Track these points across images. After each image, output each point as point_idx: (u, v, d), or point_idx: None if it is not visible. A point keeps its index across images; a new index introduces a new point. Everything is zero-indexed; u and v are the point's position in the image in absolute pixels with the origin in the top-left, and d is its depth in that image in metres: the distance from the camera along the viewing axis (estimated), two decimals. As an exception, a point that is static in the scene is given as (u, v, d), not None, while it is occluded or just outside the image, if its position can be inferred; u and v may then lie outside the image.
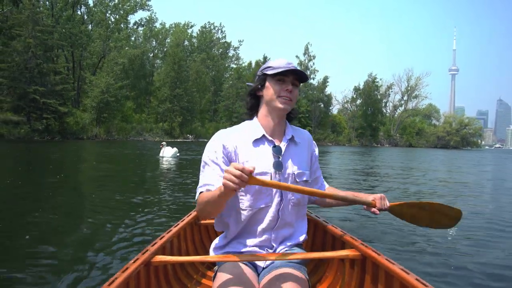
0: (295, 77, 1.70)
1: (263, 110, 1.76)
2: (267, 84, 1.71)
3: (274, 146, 1.70)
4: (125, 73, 47.97)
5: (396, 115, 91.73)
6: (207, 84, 66.82)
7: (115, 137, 43.50)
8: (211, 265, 2.22)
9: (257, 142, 1.71)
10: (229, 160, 1.66)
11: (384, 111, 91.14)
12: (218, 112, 68.77)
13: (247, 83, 1.90)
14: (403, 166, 18.26)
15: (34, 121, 33.13)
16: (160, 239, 1.85)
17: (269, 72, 1.68)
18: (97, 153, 20.04)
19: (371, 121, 79.07)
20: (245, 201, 1.66)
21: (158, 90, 56.93)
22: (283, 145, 1.72)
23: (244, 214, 1.66)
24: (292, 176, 1.70)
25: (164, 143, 16.75)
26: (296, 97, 1.73)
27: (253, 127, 1.74)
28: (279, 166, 1.66)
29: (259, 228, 1.67)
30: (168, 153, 15.90)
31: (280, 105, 1.68)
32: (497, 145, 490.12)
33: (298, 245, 1.78)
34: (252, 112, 1.80)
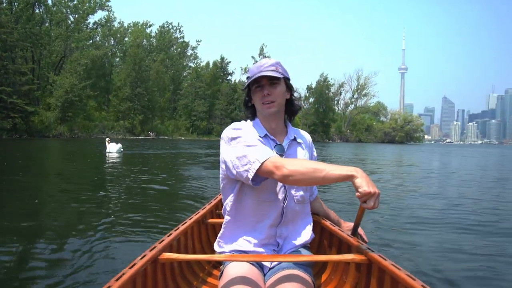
0: (270, 77, 1.67)
1: (259, 115, 1.79)
2: (251, 94, 1.75)
3: (276, 145, 1.73)
4: (87, 73, 49.26)
5: (347, 113, 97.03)
6: (166, 83, 68.99)
7: (78, 135, 45.16)
8: (217, 263, 2.21)
9: (260, 138, 1.71)
10: None
11: (336, 108, 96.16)
12: (178, 110, 71.06)
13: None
14: (355, 158, 21.83)
15: (1, 120, 34.51)
16: (168, 236, 1.85)
17: (249, 85, 1.72)
18: (68, 151, 21.11)
19: (323, 118, 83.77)
20: (249, 195, 1.69)
21: (119, 89, 58.52)
22: (285, 144, 1.75)
23: (249, 209, 1.69)
24: None
25: (108, 139, 18.14)
26: (280, 94, 1.70)
27: (256, 127, 1.76)
28: (280, 149, 1.70)
29: (264, 223, 1.69)
30: (113, 149, 17.05)
31: (265, 111, 1.70)
32: (448, 140, 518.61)
33: (305, 246, 1.79)
34: (252, 118, 1.83)
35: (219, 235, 1.81)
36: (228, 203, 1.75)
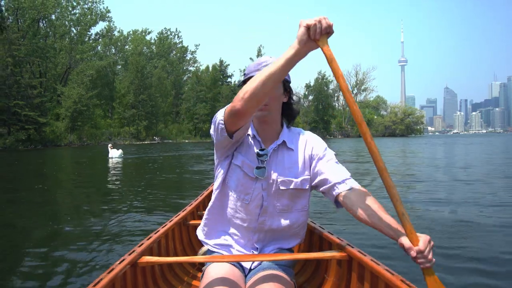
0: None
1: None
2: None
3: (260, 148, 1.64)
4: (93, 83, 51.53)
5: (347, 108, 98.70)
6: (168, 89, 71.35)
7: (87, 142, 47.60)
8: (199, 265, 2.21)
9: (248, 137, 1.68)
10: (245, 134, 1.65)
11: (336, 105, 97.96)
12: (180, 114, 73.41)
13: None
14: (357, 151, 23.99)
15: (16, 132, 36.96)
16: (147, 239, 1.83)
17: (244, 79, 1.64)
18: (80, 157, 23.03)
19: (323, 115, 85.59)
20: (231, 195, 1.68)
21: (123, 96, 60.89)
22: (270, 149, 1.67)
23: (229, 207, 1.68)
24: (276, 183, 1.65)
25: (110, 145, 19.65)
26: (274, 97, 1.62)
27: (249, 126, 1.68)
28: (261, 173, 1.63)
29: (241, 226, 1.68)
30: (115, 154, 18.41)
31: (255, 113, 1.58)
32: (455, 131, 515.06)
33: (287, 248, 1.76)
34: None
35: (202, 221, 1.78)
36: (214, 195, 1.72)
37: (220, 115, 1.52)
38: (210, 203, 1.74)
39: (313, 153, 1.72)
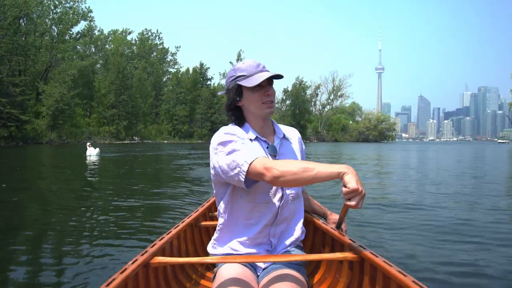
0: (272, 77, 1.65)
1: (248, 117, 1.72)
2: (245, 94, 1.66)
3: (269, 146, 1.70)
4: (75, 83, 52.13)
5: (323, 113, 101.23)
6: (148, 90, 72.29)
7: (67, 141, 48.32)
8: (211, 266, 2.19)
9: (251, 140, 1.69)
10: None
11: (314, 110, 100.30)
12: (160, 115, 74.54)
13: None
14: (331, 154, 25.86)
15: (-1, 129, 37.47)
16: (160, 240, 1.84)
17: (247, 84, 1.62)
18: (61, 155, 23.20)
19: (300, 119, 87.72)
20: (244, 197, 1.66)
21: (104, 96, 61.64)
22: (277, 144, 1.73)
23: (244, 211, 1.67)
24: None
25: (89, 143, 20.27)
26: (275, 94, 1.70)
27: (246, 130, 1.72)
28: (273, 149, 1.68)
29: (259, 224, 1.67)
30: (93, 152, 19.02)
31: (264, 111, 1.66)
32: (431, 138, 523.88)
33: (298, 246, 1.78)
34: (239, 122, 1.74)
35: (213, 237, 1.79)
36: (222, 205, 1.72)
37: (244, 167, 1.49)
38: (222, 210, 1.73)
39: (302, 148, 1.90)
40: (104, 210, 5.70)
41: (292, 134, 1.87)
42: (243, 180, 1.50)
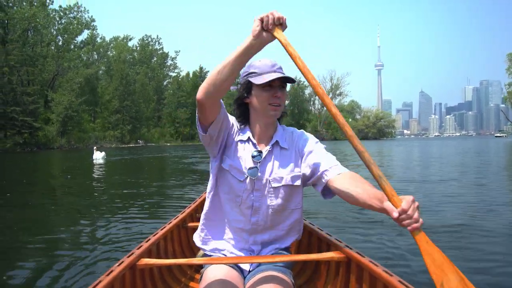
0: (282, 79, 1.61)
1: (252, 116, 1.70)
2: (253, 91, 1.63)
3: (255, 150, 1.66)
4: (82, 90, 54.87)
5: (322, 112, 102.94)
6: (151, 94, 75.17)
7: (76, 145, 51.19)
8: (198, 267, 2.17)
9: (242, 142, 1.70)
10: (224, 134, 1.65)
11: (312, 109, 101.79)
12: (162, 118, 77.34)
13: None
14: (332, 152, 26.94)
15: (13, 136, 40.54)
16: (146, 241, 1.83)
17: (256, 81, 1.59)
18: (74, 159, 24.41)
19: (298, 119, 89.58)
20: (223, 198, 1.69)
21: (108, 102, 64.57)
22: (265, 151, 1.67)
23: (223, 211, 1.70)
24: (268, 182, 1.65)
25: (95, 147, 21.66)
26: (285, 99, 1.68)
27: (244, 128, 1.72)
28: (253, 173, 1.63)
29: (237, 229, 1.68)
30: (98, 156, 20.00)
31: (269, 113, 1.62)
32: (437, 133, 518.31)
33: (284, 248, 1.76)
34: (243, 119, 1.73)
35: (199, 227, 1.78)
36: (208, 198, 1.74)
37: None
38: (205, 208, 1.74)
39: (304, 150, 1.70)
40: (104, 210, 5.87)
41: (290, 139, 1.75)
42: (198, 122, 1.55)
